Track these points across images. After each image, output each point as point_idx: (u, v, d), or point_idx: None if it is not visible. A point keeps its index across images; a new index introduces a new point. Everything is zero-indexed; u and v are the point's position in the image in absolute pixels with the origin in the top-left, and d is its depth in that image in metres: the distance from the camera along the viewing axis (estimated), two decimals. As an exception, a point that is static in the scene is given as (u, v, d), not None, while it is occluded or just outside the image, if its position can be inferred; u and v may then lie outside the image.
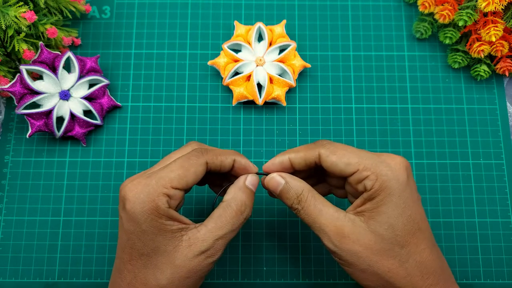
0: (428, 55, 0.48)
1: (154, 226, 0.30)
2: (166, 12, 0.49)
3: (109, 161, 0.45)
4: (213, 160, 0.33)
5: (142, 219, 0.30)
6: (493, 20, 0.43)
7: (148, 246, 0.30)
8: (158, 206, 0.30)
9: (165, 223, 0.30)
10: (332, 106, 0.47)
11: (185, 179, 0.31)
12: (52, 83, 0.43)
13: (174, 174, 0.30)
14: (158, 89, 0.47)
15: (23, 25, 0.40)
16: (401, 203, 0.30)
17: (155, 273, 0.30)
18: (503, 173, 0.45)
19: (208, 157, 0.32)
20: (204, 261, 0.30)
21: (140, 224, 0.30)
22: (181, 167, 0.31)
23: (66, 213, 0.44)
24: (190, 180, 0.31)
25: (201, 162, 0.32)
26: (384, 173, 0.30)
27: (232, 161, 0.34)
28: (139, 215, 0.30)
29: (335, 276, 0.42)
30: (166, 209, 0.30)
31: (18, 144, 0.45)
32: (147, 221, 0.30)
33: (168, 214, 0.30)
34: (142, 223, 0.30)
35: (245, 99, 0.45)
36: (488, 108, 0.47)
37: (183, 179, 0.31)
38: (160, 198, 0.30)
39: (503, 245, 0.43)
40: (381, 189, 0.30)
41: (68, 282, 0.42)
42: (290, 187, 0.32)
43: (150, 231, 0.30)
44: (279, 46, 0.45)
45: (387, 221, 0.30)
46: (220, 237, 0.31)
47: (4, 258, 0.42)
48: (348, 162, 0.31)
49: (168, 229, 0.30)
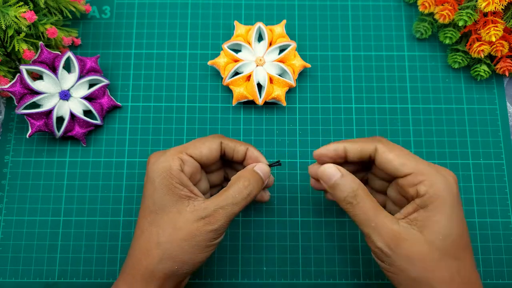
0: (428, 55, 0.48)
1: (165, 185, 0.33)
2: (166, 12, 0.49)
3: (109, 161, 0.45)
4: (228, 142, 0.36)
5: (156, 176, 0.33)
6: (493, 20, 0.43)
7: (156, 204, 0.33)
8: (171, 166, 0.33)
9: (175, 185, 0.33)
10: (332, 106, 0.47)
11: (199, 149, 0.35)
12: (52, 83, 0.43)
13: (190, 145, 0.35)
14: (158, 89, 0.47)
15: (23, 25, 0.40)
16: (454, 216, 0.30)
17: (157, 230, 0.33)
18: (503, 173, 0.45)
19: (223, 139, 0.37)
20: (203, 227, 0.32)
21: (154, 181, 0.33)
22: (198, 141, 0.36)
23: (66, 213, 0.44)
24: (204, 151, 0.35)
25: (216, 141, 0.36)
26: (439, 182, 0.30)
27: (246, 149, 0.37)
28: (154, 173, 0.33)
29: (335, 276, 0.42)
30: (178, 171, 0.33)
31: (18, 144, 0.45)
32: (159, 178, 0.33)
33: (179, 177, 0.33)
34: (155, 180, 0.33)
35: (245, 99, 0.45)
36: (488, 108, 0.47)
37: (197, 149, 0.35)
38: (174, 160, 0.34)
39: (503, 245, 0.43)
40: (435, 197, 0.30)
41: (68, 282, 0.42)
42: (347, 180, 0.32)
43: (160, 189, 0.33)
44: (279, 46, 0.45)
45: (442, 231, 0.29)
46: (220, 207, 0.33)
47: (4, 258, 0.42)
48: (404, 163, 0.31)
49: (176, 192, 0.33)
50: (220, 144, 0.36)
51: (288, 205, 0.44)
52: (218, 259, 0.43)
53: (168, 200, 0.33)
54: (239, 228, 0.43)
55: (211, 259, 0.43)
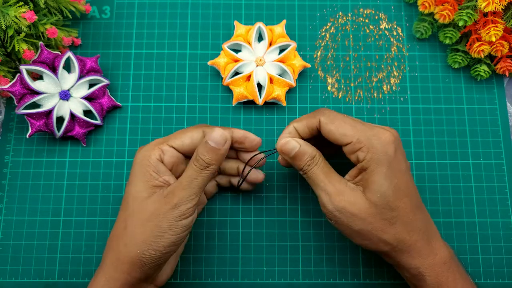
0: (428, 55, 0.48)
1: (141, 172, 0.35)
2: (166, 12, 0.49)
3: (109, 161, 0.45)
4: (210, 130, 0.36)
5: (135, 165, 0.36)
6: (493, 20, 0.43)
7: (130, 191, 0.35)
8: (150, 156, 0.35)
9: (151, 173, 0.35)
10: (332, 106, 0.47)
11: (180, 140, 0.36)
12: (52, 83, 0.43)
13: (172, 136, 0.37)
14: (158, 89, 0.47)
15: (23, 25, 0.40)
16: (390, 174, 0.33)
17: (126, 216, 0.34)
18: (503, 173, 0.45)
19: (206, 128, 0.37)
20: (164, 206, 0.33)
21: (134, 169, 0.36)
22: (180, 132, 0.37)
23: (66, 213, 0.44)
24: (185, 141, 0.37)
25: (198, 130, 0.37)
26: (374, 146, 0.34)
27: (231, 133, 0.37)
28: (135, 162, 0.36)
29: (335, 276, 0.42)
30: (156, 161, 0.35)
31: (18, 144, 0.45)
32: (137, 166, 0.35)
33: (156, 166, 0.35)
34: (135, 168, 0.36)
35: (245, 99, 0.45)
36: (488, 108, 0.47)
37: (178, 139, 0.37)
38: (154, 150, 0.36)
39: (503, 245, 0.43)
40: (371, 160, 0.33)
41: (68, 282, 0.42)
42: (305, 150, 0.35)
43: (136, 177, 0.35)
44: (279, 46, 0.45)
45: (379, 189, 0.33)
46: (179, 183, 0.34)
47: (4, 258, 0.42)
48: (344, 133, 0.34)
49: (150, 181, 0.35)
50: (203, 133, 0.37)
51: (288, 205, 0.44)
52: (218, 259, 0.43)
53: (141, 187, 0.35)
54: (239, 228, 0.43)
55: (211, 259, 0.43)
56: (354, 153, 0.35)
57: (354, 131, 0.34)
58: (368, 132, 0.34)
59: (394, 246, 0.34)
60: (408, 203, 0.34)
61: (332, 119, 0.35)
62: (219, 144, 0.35)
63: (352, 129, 0.34)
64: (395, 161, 0.34)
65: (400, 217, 0.34)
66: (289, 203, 0.44)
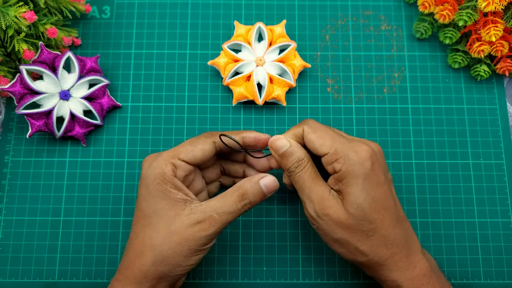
0: (428, 55, 0.48)
1: (160, 190, 0.34)
2: (166, 12, 0.49)
3: (109, 161, 0.45)
4: None
5: (150, 182, 0.34)
6: (493, 20, 0.43)
7: (151, 208, 0.34)
8: (164, 172, 0.34)
9: (170, 190, 0.34)
10: (332, 106, 0.47)
11: (191, 153, 0.36)
12: (52, 83, 0.43)
13: (182, 149, 0.36)
14: (158, 89, 0.47)
15: (23, 25, 0.40)
16: (367, 186, 0.33)
17: (152, 233, 0.34)
18: (503, 173, 0.45)
19: (216, 138, 0.37)
20: (197, 233, 0.33)
21: (148, 186, 0.34)
22: (189, 144, 0.36)
23: (66, 213, 0.44)
24: (197, 154, 0.36)
25: (208, 141, 0.37)
26: (350, 158, 0.34)
27: (242, 138, 0.37)
28: (149, 179, 0.35)
29: (335, 276, 0.42)
30: (171, 177, 0.34)
31: (18, 144, 0.45)
32: (153, 184, 0.34)
33: (173, 182, 0.34)
34: (150, 185, 0.34)
35: (245, 99, 0.45)
36: (488, 108, 0.47)
37: (190, 153, 0.36)
38: (167, 166, 0.35)
39: (503, 245, 0.43)
40: (347, 172, 0.34)
41: (68, 282, 0.42)
42: (294, 150, 0.36)
43: (155, 194, 0.34)
44: (279, 46, 0.45)
45: (355, 201, 0.33)
46: (217, 213, 0.34)
47: (4, 258, 0.42)
48: (323, 143, 0.35)
49: (172, 197, 0.34)
50: (214, 144, 0.37)
51: (288, 205, 0.44)
52: (218, 259, 0.43)
53: (163, 205, 0.34)
54: (239, 228, 0.43)
55: (211, 259, 0.43)
56: (331, 164, 0.35)
57: (332, 142, 0.35)
58: (346, 144, 0.35)
59: (370, 258, 0.34)
60: (386, 216, 0.34)
61: (314, 129, 0.36)
62: (270, 192, 0.36)
63: (331, 140, 0.35)
64: (372, 174, 0.34)
65: (378, 230, 0.34)
66: (289, 203, 0.44)
